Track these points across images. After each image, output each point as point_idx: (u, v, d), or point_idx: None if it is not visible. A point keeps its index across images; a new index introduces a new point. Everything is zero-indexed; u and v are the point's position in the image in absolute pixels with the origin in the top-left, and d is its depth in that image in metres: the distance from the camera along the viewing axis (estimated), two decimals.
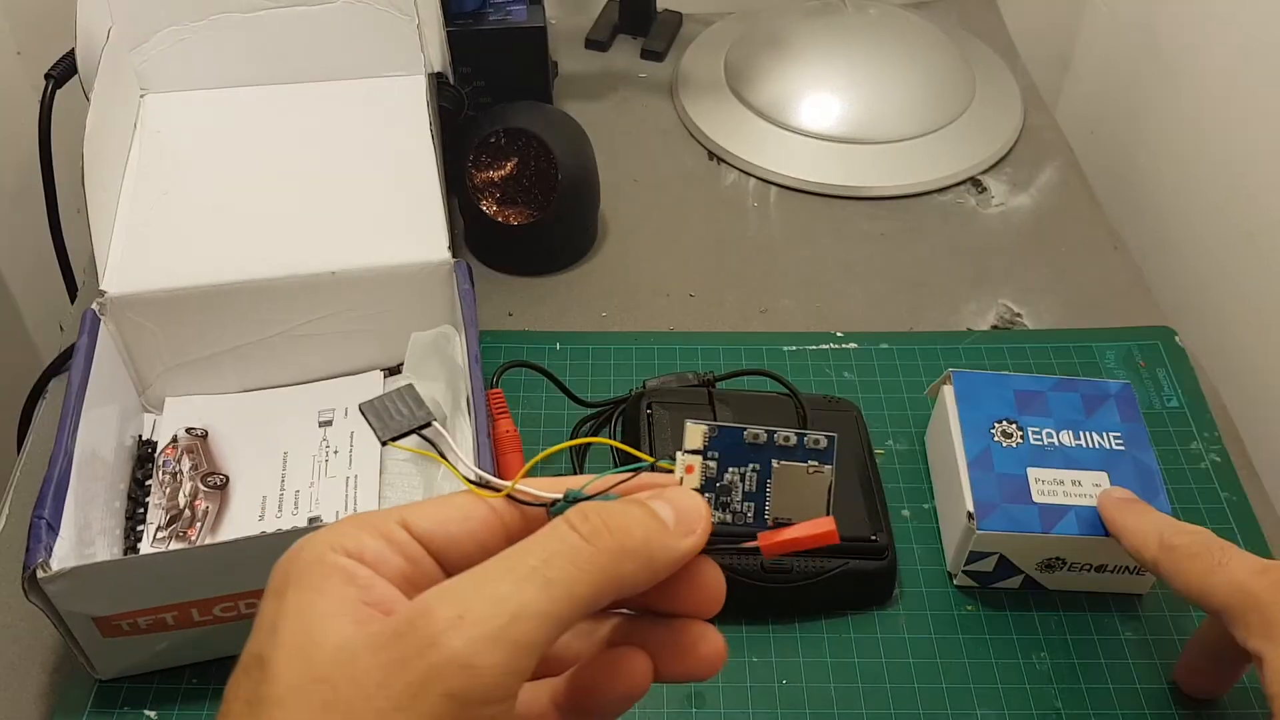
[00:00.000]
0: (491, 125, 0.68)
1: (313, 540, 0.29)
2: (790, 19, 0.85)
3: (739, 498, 0.34)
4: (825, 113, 0.80)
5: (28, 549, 0.46)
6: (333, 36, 0.66)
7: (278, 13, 0.65)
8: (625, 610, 0.34)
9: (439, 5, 0.67)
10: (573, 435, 0.62)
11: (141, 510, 0.56)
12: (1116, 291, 0.72)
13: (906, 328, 0.69)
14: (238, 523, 0.56)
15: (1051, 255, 0.74)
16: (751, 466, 0.34)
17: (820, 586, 0.54)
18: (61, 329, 0.75)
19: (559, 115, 0.70)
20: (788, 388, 0.60)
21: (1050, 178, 0.80)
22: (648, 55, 0.89)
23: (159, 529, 0.55)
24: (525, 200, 0.69)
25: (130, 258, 0.58)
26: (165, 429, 0.60)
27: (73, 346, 0.56)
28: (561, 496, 0.31)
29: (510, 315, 0.69)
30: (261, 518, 0.56)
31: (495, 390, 0.59)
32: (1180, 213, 0.81)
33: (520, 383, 0.64)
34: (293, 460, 0.58)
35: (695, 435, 0.33)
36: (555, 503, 0.31)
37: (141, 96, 0.66)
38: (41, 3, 0.84)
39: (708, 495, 0.33)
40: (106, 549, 0.52)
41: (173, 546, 0.54)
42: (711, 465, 0.33)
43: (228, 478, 0.58)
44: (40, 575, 0.45)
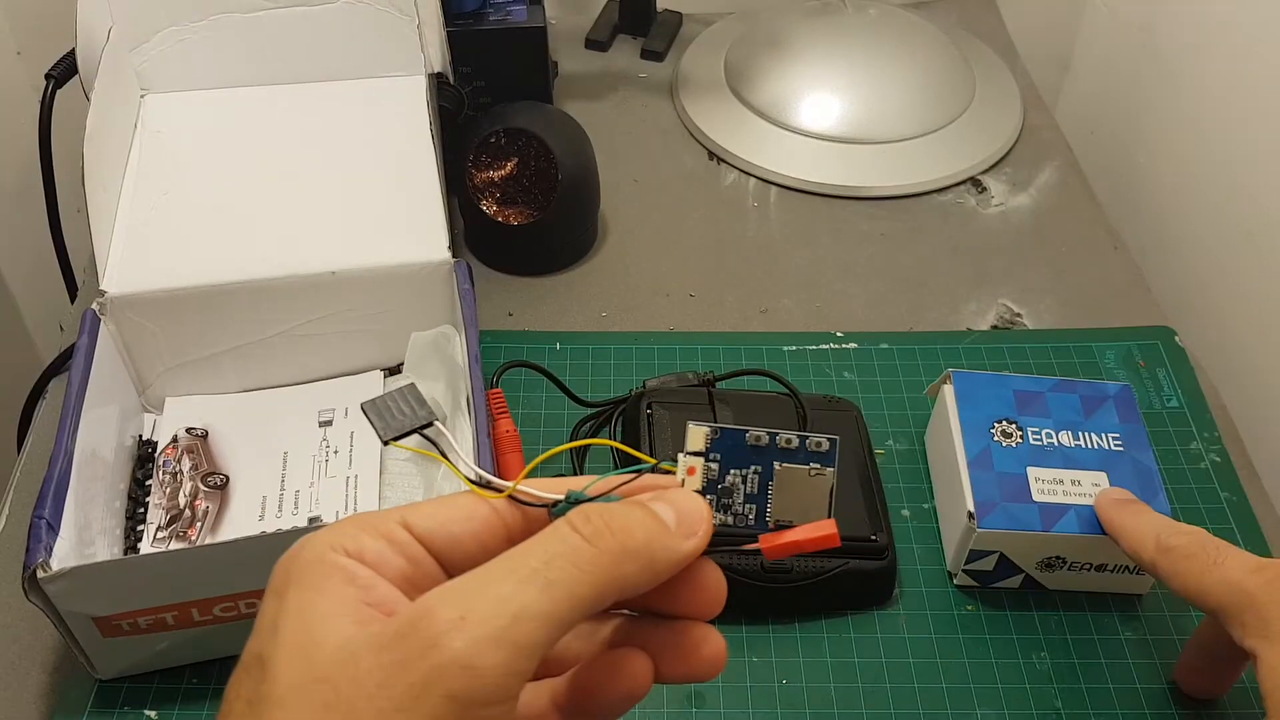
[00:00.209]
0: (491, 125, 0.68)
1: (313, 540, 0.29)
2: (790, 19, 0.85)
3: (740, 500, 0.34)
4: (825, 113, 0.80)
5: (28, 549, 0.46)
6: (333, 36, 0.66)
7: (278, 13, 0.65)
8: (626, 611, 0.34)
9: (439, 5, 0.67)
10: (573, 435, 0.62)
11: (141, 510, 0.56)
12: (1116, 291, 0.72)
13: (906, 328, 0.69)
14: (238, 523, 0.56)
15: (1051, 255, 0.74)
16: (753, 468, 0.34)
17: (820, 586, 0.54)
18: (61, 329, 0.75)
19: (559, 115, 0.70)
20: (788, 388, 0.60)
21: (1050, 178, 0.80)
22: (648, 55, 0.89)
23: (159, 529, 0.55)
24: (525, 200, 0.69)
25: (130, 258, 0.58)
26: (165, 429, 0.60)
27: (73, 346, 0.56)
28: (563, 497, 0.31)
29: (510, 315, 0.69)
30: (261, 518, 0.56)
31: (495, 390, 0.59)
32: (1180, 212, 0.81)
33: (520, 383, 0.64)
34: (293, 460, 0.59)
35: (697, 437, 0.33)
36: (557, 504, 0.31)
37: (142, 96, 0.66)
38: (41, 3, 0.84)
39: (709, 497, 0.33)
40: (106, 549, 0.52)
41: (173, 546, 0.54)
42: (713, 467, 0.33)
43: (228, 478, 0.58)
44: (40, 575, 0.45)
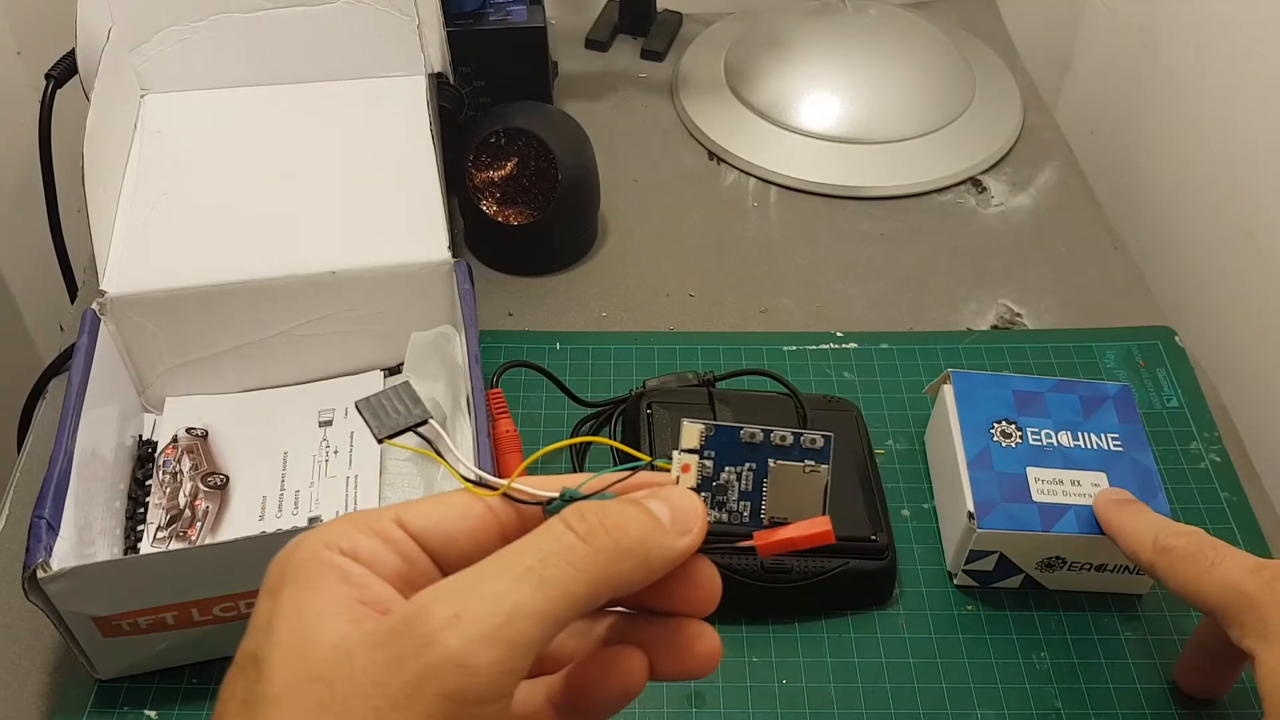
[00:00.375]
0: (491, 125, 0.68)
1: (308, 538, 0.29)
2: (790, 19, 0.86)
3: (735, 497, 0.34)
4: (825, 113, 0.80)
5: (28, 549, 0.46)
6: (333, 36, 0.66)
7: (278, 13, 0.65)
8: (621, 609, 0.34)
9: (439, 5, 0.67)
10: (572, 435, 0.62)
11: (141, 510, 0.56)
12: (1116, 291, 0.72)
13: (906, 328, 0.69)
14: (238, 523, 0.56)
15: (1051, 255, 0.74)
16: (748, 466, 0.34)
17: (820, 586, 0.54)
18: (61, 329, 0.75)
19: (559, 115, 0.70)
20: (788, 388, 0.60)
21: (1050, 178, 0.80)
22: (648, 55, 0.89)
23: (159, 529, 0.55)
24: (525, 200, 0.69)
25: (130, 258, 0.58)
26: (165, 429, 0.60)
27: (73, 346, 0.56)
28: (558, 495, 0.31)
29: (510, 315, 0.69)
30: (261, 518, 0.56)
31: (495, 390, 0.59)
32: (1180, 212, 0.80)
33: (520, 383, 0.64)
34: (293, 460, 0.59)
35: (692, 434, 0.33)
36: (551, 501, 0.31)
37: (142, 96, 0.66)
38: (41, 3, 0.84)
39: (704, 494, 0.33)
40: (106, 549, 0.52)
41: (173, 546, 0.54)
42: (708, 464, 0.33)
43: (228, 478, 0.58)
44: (40, 575, 0.45)
